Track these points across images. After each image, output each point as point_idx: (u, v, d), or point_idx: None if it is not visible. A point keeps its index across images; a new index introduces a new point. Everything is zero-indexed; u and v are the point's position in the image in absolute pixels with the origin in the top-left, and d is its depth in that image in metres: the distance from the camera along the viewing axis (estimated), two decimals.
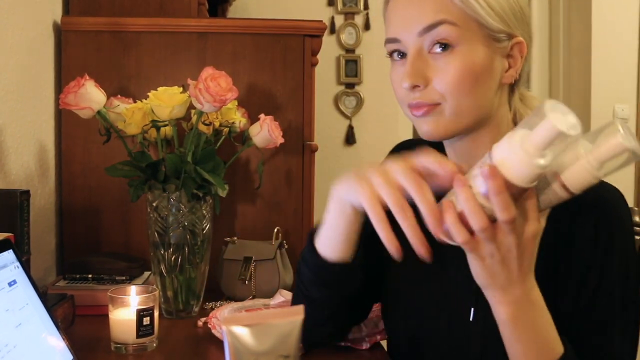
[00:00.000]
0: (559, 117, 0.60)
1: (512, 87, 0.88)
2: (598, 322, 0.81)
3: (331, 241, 0.83)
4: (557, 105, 0.61)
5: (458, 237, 0.66)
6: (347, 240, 0.82)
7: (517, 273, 0.70)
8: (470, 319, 0.86)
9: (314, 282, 0.86)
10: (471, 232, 0.67)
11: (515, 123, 0.88)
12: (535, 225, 0.69)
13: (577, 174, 0.65)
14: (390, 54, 0.85)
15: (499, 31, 0.80)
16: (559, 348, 0.75)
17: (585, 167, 0.64)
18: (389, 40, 0.84)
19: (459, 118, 0.81)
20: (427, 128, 0.83)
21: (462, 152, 0.88)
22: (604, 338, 0.81)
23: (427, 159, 0.69)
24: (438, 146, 0.93)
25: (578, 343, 0.79)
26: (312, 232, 0.88)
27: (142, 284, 1.29)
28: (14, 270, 0.83)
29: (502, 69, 0.83)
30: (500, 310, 0.73)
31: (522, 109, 0.89)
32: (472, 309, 0.86)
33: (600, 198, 0.83)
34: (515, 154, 0.62)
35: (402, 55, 0.83)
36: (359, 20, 2.87)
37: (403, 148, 1.03)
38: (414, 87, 0.81)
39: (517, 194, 0.64)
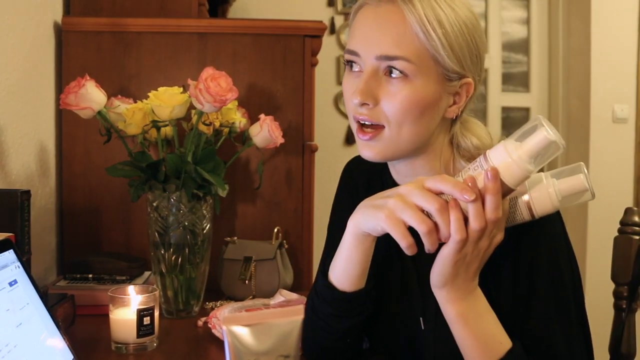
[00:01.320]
0: (550, 130, 0.70)
1: (455, 119, 0.91)
2: (537, 333, 0.82)
3: (349, 274, 0.85)
4: (547, 121, 0.72)
5: (459, 233, 0.72)
6: (364, 269, 0.86)
7: (472, 274, 0.77)
8: (423, 328, 0.90)
9: (336, 315, 0.88)
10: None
11: (452, 144, 0.92)
12: (502, 234, 0.77)
13: (542, 202, 0.75)
14: (347, 62, 0.88)
15: (453, 71, 0.83)
16: (506, 342, 0.79)
17: (550, 197, 0.75)
18: (349, 52, 0.87)
19: (398, 144, 0.86)
20: (367, 152, 0.88)
21: (402, 172, 0.94)
22: (549, 349, 0.82)
23: (442, 184, 0.73)
24: (382, 163, 0.97)
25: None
26: (322, 269, 0.90)
27: (143, 283, 1.30)
28: (15, 270, 0.83)
29: (446, 105, 0.87)
30: (450, 309, 0.79)
31: (460, 132, 0.92)
32: (421, 319, 0.90)
33: None
34: (510, 158, 0.71)
35: (359, 67, 0.86)
36: None
37: (356, 164, 1.08)
38: (363, 104, 0.84)
39: (504, 195, 0.74)
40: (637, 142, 3.10)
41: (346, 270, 0.85)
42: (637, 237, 1.09)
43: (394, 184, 0.96)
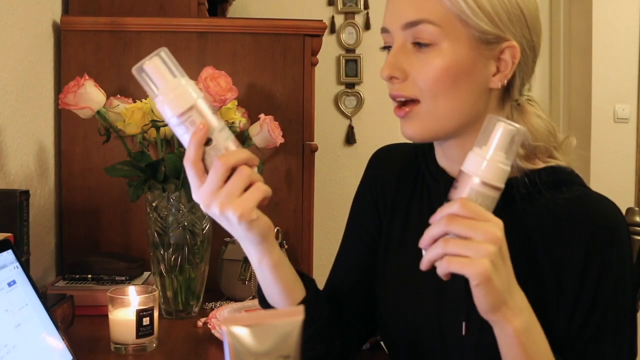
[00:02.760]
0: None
1: (507, 93, 0.84)
2: (593, 338, 0.79)
3: (273, 297, 0.84)
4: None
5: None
6: (284, 286, 0.83)
7: (509, 280, 0.69)
8: (463, 333, 0.84)
9: None
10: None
11: None
12: (497, 220, 0.69)
13: (491, 172, 0.70)
14: (384, 42, 0.85)
15: (486, 33, 0.77)
16: (553, 358, 0.75)
17: (494, 161, 0.70)
18: (382, 30, 0.84)
19: (437, 120, 0.80)
20: (407, 130, 0.83)
21: (450, 154, 0.88)
22: (599, 354, 0.79)
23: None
24: (428, 146, 0.92)
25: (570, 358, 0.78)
26: (260, 300, 0.89)
27: (142, 284, 1.29)
28: (14, 270, 0.83)
29: (487, 73, 0.80)
30: (507, 327, 0.70)
31: (519, 120, 0.84)
32: (464, 323, 0.84)
33: (595, 212, 0.81)
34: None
35: (391, 45, 0.83)
36: (359, 19, 2.87)
37: (385, 154, 1.02)
38: (392, 78, 0.81)
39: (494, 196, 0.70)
40: (638, 142, 3.09)
41: (268, 292, 0.84)
42: (638, 238, 1.08)
43: (438, 170, 0.90)
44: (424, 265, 0.69)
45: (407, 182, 0.94)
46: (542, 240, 0.81)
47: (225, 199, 0.71)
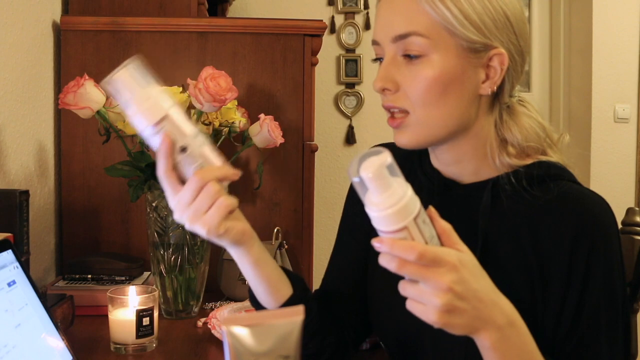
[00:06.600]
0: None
1: (496, 97, 0.85)
2: (584, 338, 0.79)
3: (258, 292, 0.87)
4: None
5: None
6: (270, 282, 0.86)
7: (475, 311, 0.67)
8: None
9: None
10: None
11: (499, 134, 0.85)
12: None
13: (394, 213, 0.63)
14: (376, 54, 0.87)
15: (474, 42, 0.78)
16: None
17: (385, 208, 0.63)
18: (372, 42, 0.86)
19: (428, 128, 0.82)
20: (401, 139, 0.85)
21: (442, 158, 0.89)
22: (591, 356, 0.79)
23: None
24: (421, 150, 0.93)
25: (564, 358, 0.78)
26: (250, 297, 0.91)
27: (142, 284, 1.29)
28: (13, 270, 0.83)
29: (477, 80, 0.81)
30: (484, 342, 0.70)
31: (509, 121, 0.85)
32: None
33: (580, 208, 0.80)
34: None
35: (382, 56, 0.84)
36: (359, 19, 2.87)
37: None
38: (384, 90, 0.82)
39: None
40: (638, 142, 3.09)
41: (256, 291, 0.87)
42: (638, 238, 1.08)
43: (433, 171, 0.91)
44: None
45: None
46: (530, 236, 0.81)
47: (193, 215, 0.75)
